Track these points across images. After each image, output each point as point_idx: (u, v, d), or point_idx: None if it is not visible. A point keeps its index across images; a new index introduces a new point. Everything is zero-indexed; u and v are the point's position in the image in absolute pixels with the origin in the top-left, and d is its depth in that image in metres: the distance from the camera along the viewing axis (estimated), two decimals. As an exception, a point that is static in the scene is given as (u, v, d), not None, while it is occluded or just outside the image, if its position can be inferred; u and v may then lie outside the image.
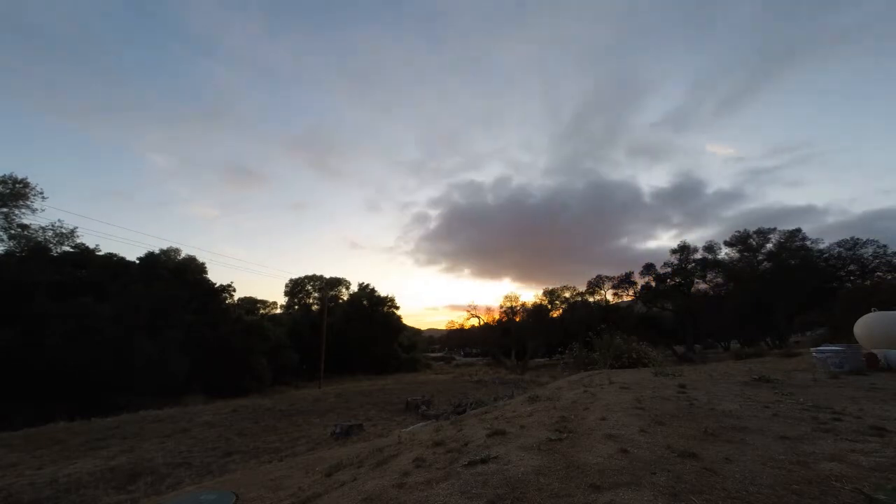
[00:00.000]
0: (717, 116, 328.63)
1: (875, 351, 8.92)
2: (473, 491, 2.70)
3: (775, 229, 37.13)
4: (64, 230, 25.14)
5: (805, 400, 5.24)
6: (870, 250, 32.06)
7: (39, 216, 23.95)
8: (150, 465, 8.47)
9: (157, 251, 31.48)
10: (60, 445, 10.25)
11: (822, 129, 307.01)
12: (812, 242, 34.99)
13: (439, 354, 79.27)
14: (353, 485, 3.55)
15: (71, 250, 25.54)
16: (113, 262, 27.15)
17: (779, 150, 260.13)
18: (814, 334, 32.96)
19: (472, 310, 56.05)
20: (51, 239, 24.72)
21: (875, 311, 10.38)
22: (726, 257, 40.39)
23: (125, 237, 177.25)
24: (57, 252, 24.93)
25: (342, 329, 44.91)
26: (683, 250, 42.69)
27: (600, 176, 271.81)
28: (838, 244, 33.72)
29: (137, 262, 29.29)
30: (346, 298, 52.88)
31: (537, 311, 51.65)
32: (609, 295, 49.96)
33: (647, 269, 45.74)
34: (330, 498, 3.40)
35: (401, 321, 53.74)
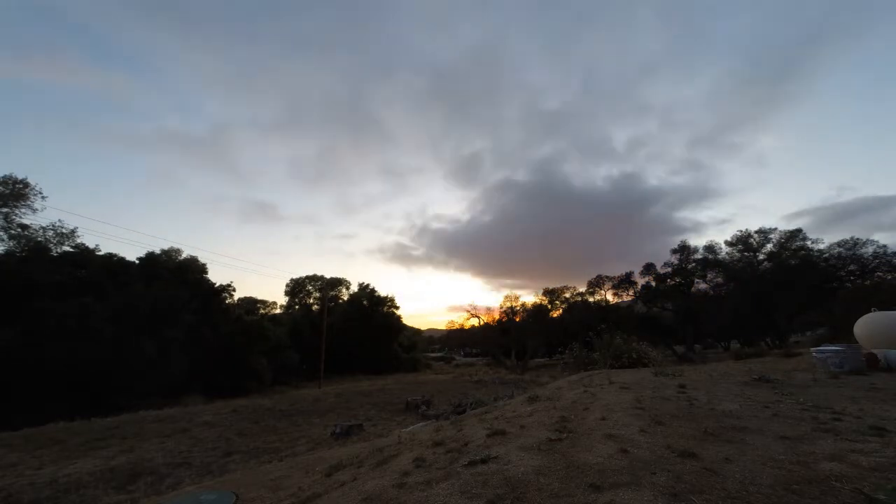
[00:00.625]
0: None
1: (875, 351, 8.92)
2: (473, 491, 2.71)
3: (776, 229, 37.17)
4: (64, 230, 25.18)
5: (805, 400, 5.24)
6: (870, 250, 32.03)
7: (39, 216, 24.00)
8: (150, 465, 8.47)
9: (158, 251, 31.57)
10: (60, 445, 10.24)
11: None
12: (812, 242, 35.02)
13: (439, 354, 79.26)
14: (353, 485, 3.55)
15: (71, 250, 25.53)
16: (113, 262, 27.14)
17: None
18: (814, 334, 32.98)
19: (472, 310, 56.11)
20: (51, 239, 24.73)
21: (875, 311, 10.39)
22: (726, 257, 40.37)
23: (125, 237, 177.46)
24: (57, 252, 24.93)
25: (342, 329, 44.93)
26: (683, 250, 42.67)
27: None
28: (838, 244, 33.70)
29: (137, 262, 29.31)
30: (346, 298, 52.93)
31: (537, 311, 51.66)
32: (609, 295, 50.05)
33: (647, 268, 45.74)
34: (330, 498, 3.40)
35: (401, 321, 53.82)
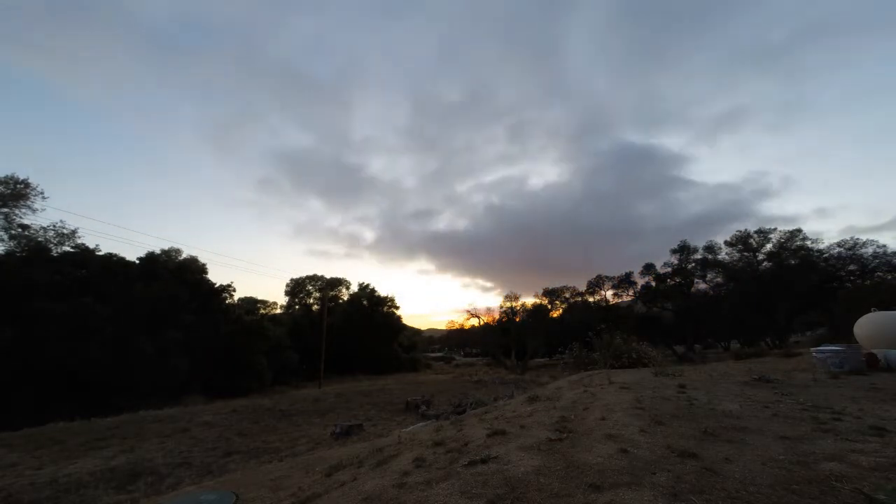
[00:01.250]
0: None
1: (875, 351, 8.92)
2: (473, 491, 2.70)
3: (775, 229, 37.12)
4: (65, 230, 25.19)
5: (805, 400, 5.24)
6: (870, 250, 32.01)
7: (40, 216, 24.00)
8: (150, 465, 8.46)
9: (158, 251, 31.56)
10: (60, 445, 10.24)
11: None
12: (812, 242, 35.00)
13: (439, 354, 79.24)
14: (353, 485, 3.55)
15: (71, 250, 25.53)
16: (113, 262, 27.12)
17: None
18: (814, 334, 33.01)
19: (472, 310, 56.08)
20: (51, 239, 24.74)
21: (875, 311, 10.40)
22: (726, 257, 40.36)
23: (125, 237, 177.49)
24: (57, 252, 24.94)
25: (342, 329, 44.91)
26: (683, 250, 42.65)
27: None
28: (838, 244, 33.69)
29: (137, 262, 29.29)
30: (346, 298, 52.89)
31: (537, 311, 51.63)
32: (609, 295, 50.08)
33: (647, 268, 45.74)
34: (330, 498, 3.40)
35: (401, 321, 53.83)
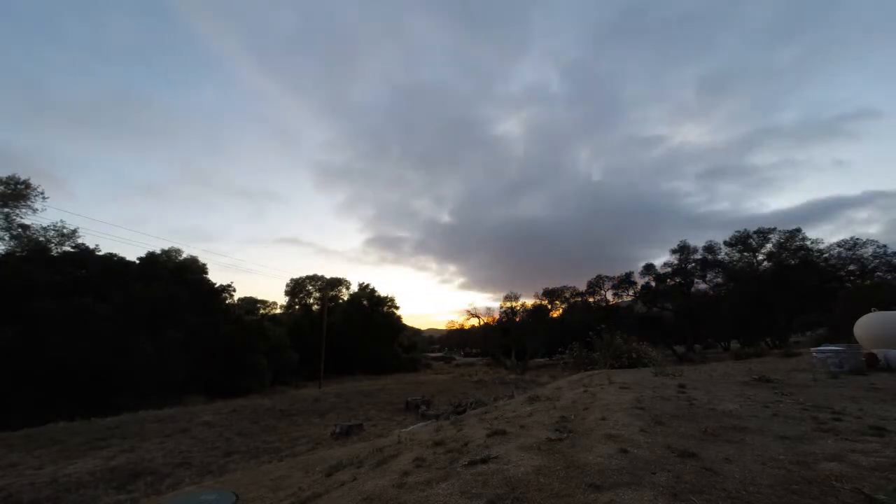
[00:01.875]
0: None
1: (875, 351, 8.92)
2: (473, 491, 2.70)
3: (775, 229, 37.12)
4: (65, 230, 25.25)
5: (805, 400, 5.24)
6: (870, 250, 32.03)
7: (40, 216, 24.02)
8: (150, 465, 8.47)
9: (158, 251, 31.59)
10: (60, 445, 10.25)
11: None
12: (812, 242, 35.00)
13: (439, 354, 79.27)
14: (353, 485, 3.55)
15: (71, 250, 25.55)
16: (113, 262, 27.14)
17: None
18: (814, 334, 32.97)
19: (472, 310, 56.06)
20: (52, 239, 24.78)
21: (875, 311, 10.40)
22: (726, 257, 40.37)
23: (125, 237, 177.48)
24: (57, 252, 24.96)
25: (342, 329, 44.93)
26: (683, 250, 42.65)
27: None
28: (838, 244, 33.72)
29: (137, 262, 29.31)
30: (346, 298, 52.94)
31: (537, 311, 51.63)
32: (609, 295, 50.07)
33: (647, 269, 45.75)
34: (330, 498, 3.40)
35: (401, 321, 53.89)
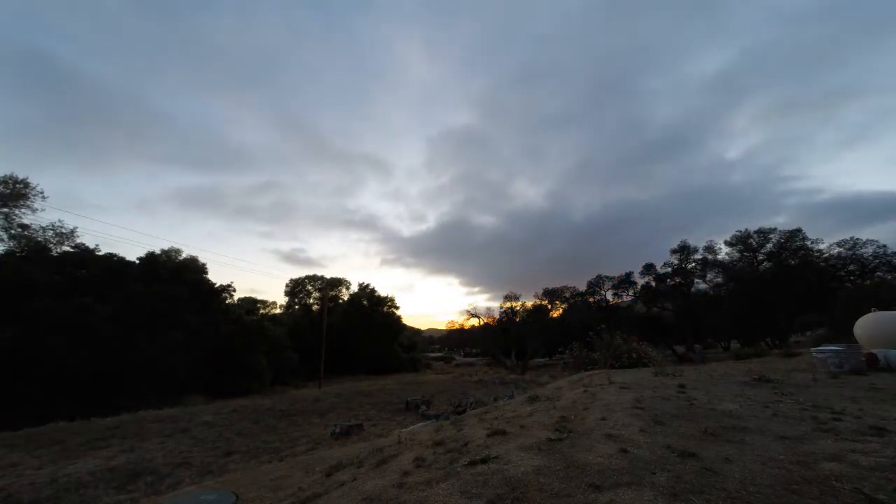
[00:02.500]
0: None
1: (875, 351, 8.92)
2: (473, 491, 2.70)
3: (775, 229, 37.15)
4: (64, 230, 25.17)
5: (805, 400, 5.24)
6: (870, 250, 32.08)
7: (39, 216, 23.99)
8: (150, 465, 8.46)
9: (158, 251, 31.56)
10: (60, 445, 10.24)
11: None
12: (812, 242, 35.02)
13: (439, 354, 79.21)
14: (353, 485, 3.55)
15: (71, 250, 25.53)
16: (113, 261, 27.12)
17: None
18: (814, 334, 32.95)
19: (472, 310, 56.06)
20: (51, 239, 24.72)
21: (875, 311, 10.40)
22: (726, 257, 40.40)
23: (125, 237, 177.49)
24: (57, 252, 24.93)
25: (342, 329, 44.90)
26: (683, 250, 42.66)
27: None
28: (838, 244, 33.77)
29: (137, 262, 29.28)
30: (346, 298, 52.87)
31: (537, 311, 51.64)
32: (609, 295, 50.09)
33: (647, 268, 45.76)
34: (330, 498, 3.40)
35: (401, 321, 53.77)
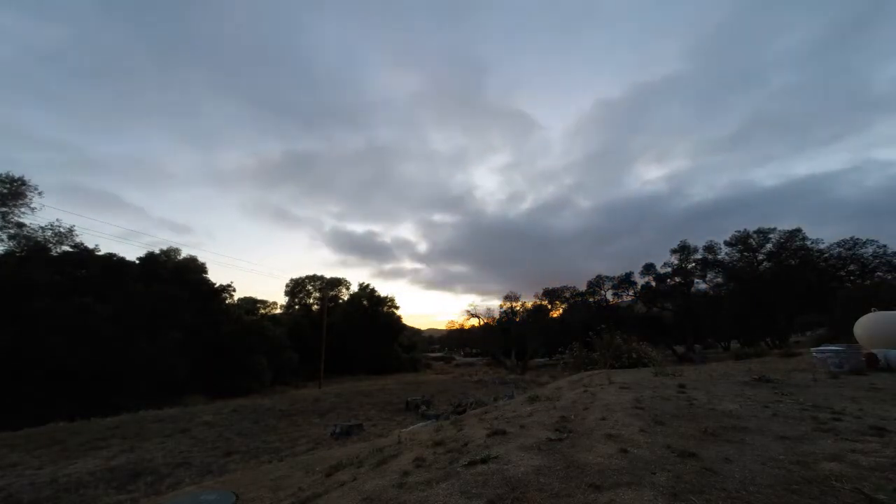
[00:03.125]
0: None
1: (875, 351, 8.92)
2: (473, 491, 2.70)
3: (775, 229, 37.14)
4: (62, 229, 25.11)
5: (805, 400, 5.24)
6: (870, 250, 32.08)
7: (38, 215, 23.95)
8: (150, 465, 8.46)
9: (158, 251, 31.56)
10: (60, 445, 10.24)
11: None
12: (812, 242, 35.01)
13: (439, 354, 79.20)
14: (353, 485, 3.55)
15: (70, 250, 25.52)
16: (113, 261, 27.13)
17: None
18: (814, 334, 32.98)
19: (472, 310, 56.04)
20: (50, 238, 24.68)
21: (875, 311, 10.40)
22: (726, 257, 40.38)
23: (125, 237, 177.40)
24: (56, 252, 24.91)
25: (342, 329, 44.91)
26: (683, 250, 42.65)
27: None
28: (838, 244, 33.76)
29: (137, 262, 29.31)
30: (346, 299, 52.91)
31: (537, 312, 51.63)
32: (609, 295, 50.09)
33: (647, 268, 45.76)
34: (330, 498, 3.40)
35: (401, 321, 53.82)
